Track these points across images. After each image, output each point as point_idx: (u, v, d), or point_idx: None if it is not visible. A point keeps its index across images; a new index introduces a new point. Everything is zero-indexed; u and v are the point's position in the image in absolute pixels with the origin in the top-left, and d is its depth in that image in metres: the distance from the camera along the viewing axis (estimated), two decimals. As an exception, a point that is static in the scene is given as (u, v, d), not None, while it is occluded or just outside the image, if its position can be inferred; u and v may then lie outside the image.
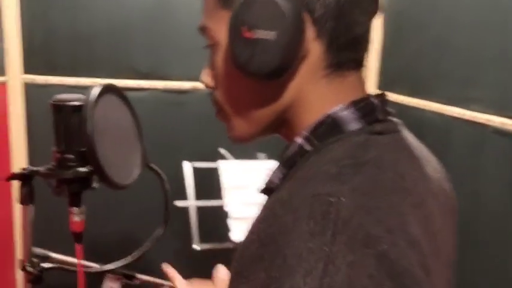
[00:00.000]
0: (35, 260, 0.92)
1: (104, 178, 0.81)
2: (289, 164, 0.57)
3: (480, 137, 1.35)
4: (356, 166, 0.50)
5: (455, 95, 1.48)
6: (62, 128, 0.85)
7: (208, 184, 1.56)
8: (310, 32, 0.54)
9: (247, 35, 0.53)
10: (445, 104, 1.52)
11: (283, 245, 0.43)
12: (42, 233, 1.88)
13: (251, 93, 0.59)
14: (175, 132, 1.90)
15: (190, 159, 1.61)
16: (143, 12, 1.82)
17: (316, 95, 0.58)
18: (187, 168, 1.53)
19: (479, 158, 1.36)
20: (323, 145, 0.55)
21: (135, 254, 1.05)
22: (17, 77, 1.76)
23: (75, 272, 0.94)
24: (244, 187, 1.52)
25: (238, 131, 0.64)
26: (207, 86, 0.65)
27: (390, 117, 0.59)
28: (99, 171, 0.80)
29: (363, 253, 0.42)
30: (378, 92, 0.61)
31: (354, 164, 0.50)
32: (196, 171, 1.56)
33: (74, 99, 0.86)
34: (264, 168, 1.58)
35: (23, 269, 0.91)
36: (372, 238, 0.43)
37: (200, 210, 1.47)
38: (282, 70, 0.54)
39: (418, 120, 1.62)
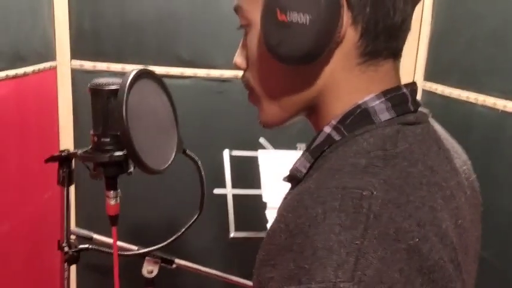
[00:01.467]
0: (73, 240, 0.94)
1: (138, 162, 0.82)
2: (316, 153, 0.56)
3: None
4: (386, 159, 0.48)
5: (510, 89, 1.39)
6: (99, 111, 0.87)
7: (248, 173, 1.55)
8: (346, 17, 0.51)
9: (281, 17, 0.51)
10: (497, 97, 1.43)
11: (313, 237, 0.43)
12: (89, 214, 1.96)
13: (282, 76, 0.58)
14: (216, 120, 1.91)
15: (231, 148, 1.61)
16: (189, 1, 1.83)
17: (348, 83, 0.55)
18: (227, 156, 1.52)
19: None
20: (352, 135, 0.53)
21: (171, 239, 1.06)
22: (66, 63, 1.82)
23: (111, 253, 0.96)
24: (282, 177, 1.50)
25: (268, 115, 0.62)
26: (238, 67, 0.63)
27: (420, 108, 0.57)
28: (133, 155, 0.81)
29: (393, 247, 0.41)
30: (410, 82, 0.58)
31: (384, 157, 0.49)
32: (237, 160, 1.55)
33: (110, 83, 0.86)
34: (303, 159, 1.56)
35: (60, 248, 0.94)
36: (402, 232, 0.42)
37: (239, 198, 1.47)
38: (314, 56, 0.52)
39: (467, 114, 1.54)
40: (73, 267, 1.98)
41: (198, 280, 1.72)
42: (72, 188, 1.90)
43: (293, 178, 0.59)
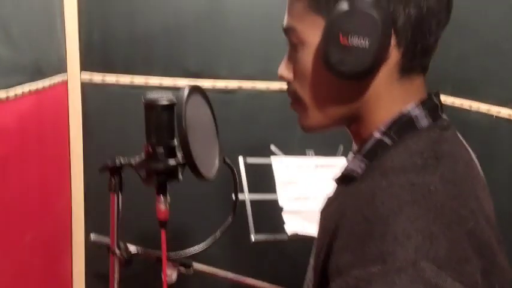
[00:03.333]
0: (121, 245, 1.01)
1: (194, 170, 0.89)
2: (370, 156, 0.65)
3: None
4: (437, 158, 0.59)
5: (504, 96, 1.52)
6: (154, 124, 0.94)
7: (261, 179, 1.63)
8: (392, 39, 0.61)
9: (343, 41, 0.60)
10: (492, 104, 1.56)
11: (393, 225, 0.52)
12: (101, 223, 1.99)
13: (333, 90, 0.67)
14: (224, 130, 1.98)
15: (240, 155, 1.69)
16: (195, 15, 1.90)
17: (390, 95, 0.65)
18: (242, 163, 1.60)
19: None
20: (401, 140, 0.63)
21: (208, 242, 1.13)
22: (76, 75, 1.86)
23: (158, 259, 1.02)
24: (295, 182, 1.59)
25: (312, 121, 0.71)
26: (283, 78, 0.72)
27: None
28: (190, 163, 0.88)
29: (458, 231, 0.51)
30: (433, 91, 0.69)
31: (435, 157, 0.59)
32: (250, 167, 1.63)
33: (164, 98, 0.94)
34: (313, 164, 1.65)
35: (113, 253, 1.00)
36: (462, 218, 0.53)
37: (255, 203, 1.55)
38: (368, 73, 0.62)
39: (462, 121, 1.66)
40: (82, 275, 2.01)
41: (214, 284, 1.78)
42: (82, 198, 1.94)
43: (347, 178, 0.68)
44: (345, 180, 0.69)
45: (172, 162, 0.93)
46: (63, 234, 1.90)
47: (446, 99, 1.75)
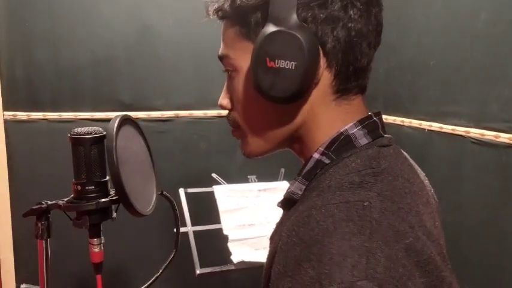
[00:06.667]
0: (53, 294, 0.92)
1: (128, 206, 0.83)
2: (310, 176, 0.64)
3: (459, 148, 1.45)
4: (375, 175, 0.58)
5: (432, 111, 1.58)
6: (82, 160, 0.87)
7: (205, 209, 1.58)
8: (322, 62, 0.61)
9: (271, 64, 0.60)
10: (422, 119, 1.62)
11: (328, 245, 0.49)
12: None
13: (268, 114, 0.66)
14: (162, 160, 1.92)
15: (180, 186, 1.63)
16: (125, 45, 1.85)
17: (326, 116, 0.65)
18: (183, 194, 1.55)
19: (460, 169, 1.45)
20: (340, 158, 0.62)
21: (151, 281, 1.06)
22: (-1, 114, 1.74)
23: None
24: (239, 209, 1.55)
25: (253, 147, 0.70)
26: (224, 108, 0.71)
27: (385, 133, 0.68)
28: (125, 200, 0.82)
29: (395, 247, 0.49)
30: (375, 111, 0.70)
31: (373, 174, 0.58)
32: (192, 198, 1.58)
33: (91, 132, 0.88)
34: (255, 189, 1.62)
35: (43, 304, 0.91)
36: (400, 234, 0.51)
37: (200, 235, 1.49)
38: (299, 95, 0.61)
39: (395, 135, 1.71)
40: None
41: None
42: (11, 245, 1.79)
43: (289, 201, 0.67)
44: (287, 203, 0.68)
45: (104, 200, 0.87)
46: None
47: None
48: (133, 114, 1.91)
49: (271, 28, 0.59)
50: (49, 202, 0.90)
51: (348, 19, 0.60)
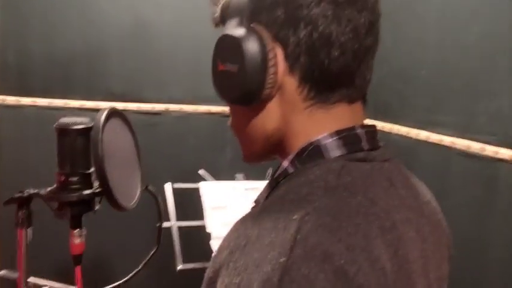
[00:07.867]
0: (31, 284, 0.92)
1: (111, 200, 0.84)
2: (273, 184, 0.62)
3: (446, 159, 1.46)
4: (326, 189, 0.54)
5: (420, 120, 1.59)
6: (67, 151, 0.87)
7: (190, 204, 1.58)
8: (281, 66, 0.58)
9: (221, 67, 0.61)
10: (410, 127, 1.63)
11: (247, 254, 0.48)
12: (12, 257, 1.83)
13: (242, 117, 0.65)
14: (151, 154, 1.91)
15: (167, 180, 1.63)
16: (119, 36, 1.84)
17: (299, 124, 0.62)
18: (169, 189, 1.54)
19: (445, 180, 1.46)
20: (303, 168, 0.59)
21: (131, 274, 1.06)
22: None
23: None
24: (224, 207, 1.55)
25: (246, 152, 0.69)
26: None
27: (380, 147, 0.63)
28: (108, 193, 0.82)
29: (319, 267, 0.45)
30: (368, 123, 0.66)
31: (324, 187, 0.54)
32: (178, 193, 1.58)
33: (78, 122, 0.88)
34: (242, 188, 1.62)
35: (20, 292, 0.90)
36: (329, 255, 0.46)
37: (183, 230, 1.49)
38: (250, 98, 0.59)
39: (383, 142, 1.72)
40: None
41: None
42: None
43: (257, 205, 0.65)
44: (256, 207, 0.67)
45: (87, 192, 0.87)
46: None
47: (367, 122, 1.81)
48: (123, 105, 1.92)
49: (225, 32, 0.60)
50: (31, 191, 0.90)
51: (309, 21, 0.56)
